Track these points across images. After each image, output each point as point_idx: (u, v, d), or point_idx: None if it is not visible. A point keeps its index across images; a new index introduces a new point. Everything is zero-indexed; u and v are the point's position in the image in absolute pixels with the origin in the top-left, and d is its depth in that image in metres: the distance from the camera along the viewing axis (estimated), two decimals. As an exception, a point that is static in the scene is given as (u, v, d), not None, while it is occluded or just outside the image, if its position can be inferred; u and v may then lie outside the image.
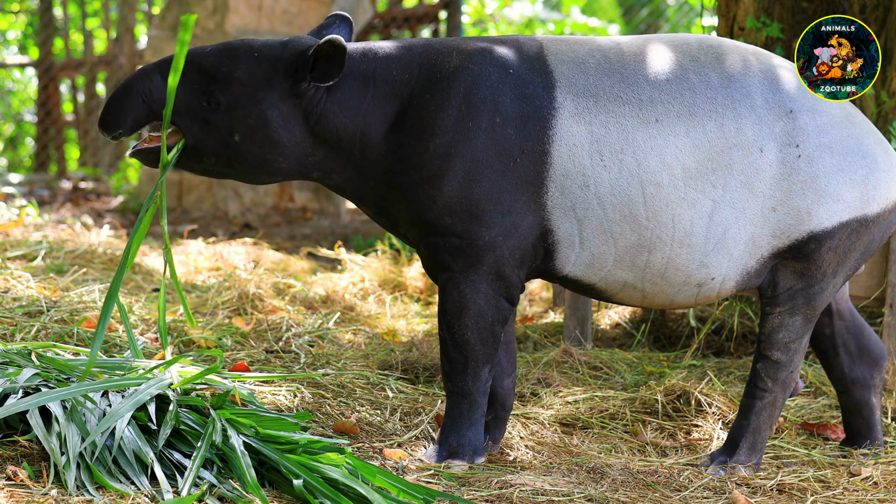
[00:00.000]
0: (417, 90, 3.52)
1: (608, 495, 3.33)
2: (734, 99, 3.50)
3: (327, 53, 3.41)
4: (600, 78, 3.52)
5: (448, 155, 3.46)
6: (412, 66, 3.55)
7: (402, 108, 3.52)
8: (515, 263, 3.52)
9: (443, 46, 3.59)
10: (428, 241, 3.53)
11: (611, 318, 5.58)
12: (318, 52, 3.41)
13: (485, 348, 3.55)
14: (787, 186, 3.51)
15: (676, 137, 3.48)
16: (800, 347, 3.64)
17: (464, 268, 3.50)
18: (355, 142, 3.53)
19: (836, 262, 3.57)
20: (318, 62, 3.43)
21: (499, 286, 3.53)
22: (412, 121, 3.50)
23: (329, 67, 3.43)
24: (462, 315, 3.53)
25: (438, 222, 3.49)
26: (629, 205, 3.48)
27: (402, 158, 3.50)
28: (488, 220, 3.47)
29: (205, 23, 10.53)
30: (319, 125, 3.51)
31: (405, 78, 3.54)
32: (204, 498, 2.97)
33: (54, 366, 3.39)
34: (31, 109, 18.08)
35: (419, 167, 3.48)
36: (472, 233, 3.48)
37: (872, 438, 3.92)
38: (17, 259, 5.82)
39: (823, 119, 3.54)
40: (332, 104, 3.50)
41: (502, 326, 3.57)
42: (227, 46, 3.53)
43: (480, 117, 3.47)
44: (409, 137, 3.50)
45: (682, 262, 3.52)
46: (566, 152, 3.47)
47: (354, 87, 3.52)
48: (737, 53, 3.58)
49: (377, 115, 3.53)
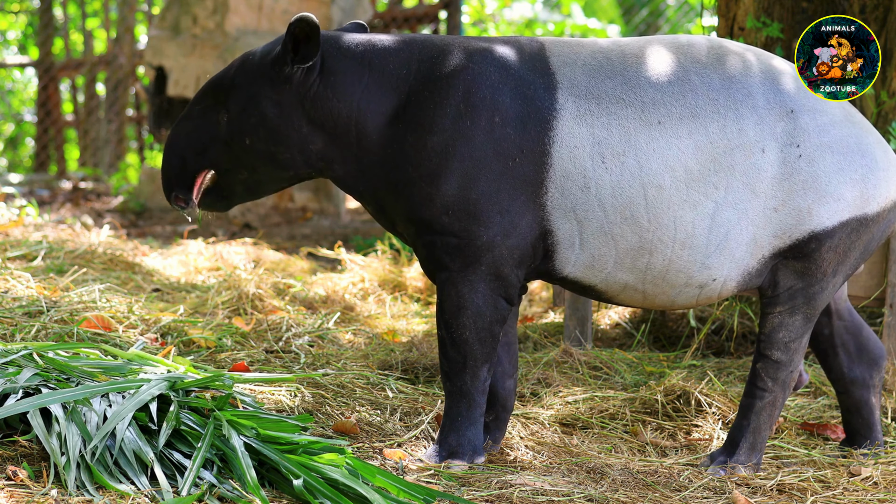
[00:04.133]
0: (416, 86, 3.52)
1: (608, 495, 3.33)
2: (736, 100, 3.50)
3: (304, 33, 3.46)
4: (603, 80, 3.52)
5: (446, 153, 3.46)
6: (411, 62, 3.56)
7: (400, 102, 3.53)
8: (514, 263, 3.52)
9: (444, 44, 3.59)
10: (425, 239, 3.53)
11: (611, 318, 5.58)
12: (294, 34, 3.47)
13: (483, 348, 3.55)
14: (789, 186, 3.51)
15: (679, 139, 3.48)
16: (800, 347, 3.64)
17: (462, 267, 3.50)
18: (351, 128, 3.55)
19: (836, 261, 3.57)
20: (298, 44, 3.48)
21: (497, 286, 3.52)
22: (410, 117, 3.50)
23: (308, 47, 3.48)
24: (460, 315, 3.52)
25: (436, 221, 3.49)
26: (630, 207, 3.47)
27: (400, 154, 3.51)
28: (486, 220, 3.47)
29: (205, 23, 10.53)
30: (315, 109, 3.54)
31: (403, 73, 3.55)
32: (204, 498, 2.98)
33: (55, 366, 3.39)
34: (31, 109, 18.09)
35: (416, 164, 3.48)
36: (469, 232, 3.48)
37: (872, 438, 3.92)
38: (17, 259, 5.82)
39: (824, 119, 3.54)
40: (326, 88, 3.54)
41: (500, 326, 3.57)
42: (233, 62, 3.67)
43: (479, 117, 3.46)
44: (407, 133, 3.50)
45: (683, 263, 3.52)
46: (567, 154, 3.47)
47: (349, 72, 3.55)
48: (737, 54, 3.58)
49: (373, 104, 3.54)
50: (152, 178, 10.78)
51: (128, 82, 13.61)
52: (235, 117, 3.57)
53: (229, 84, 3.60)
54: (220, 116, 3.60)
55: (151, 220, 10.15)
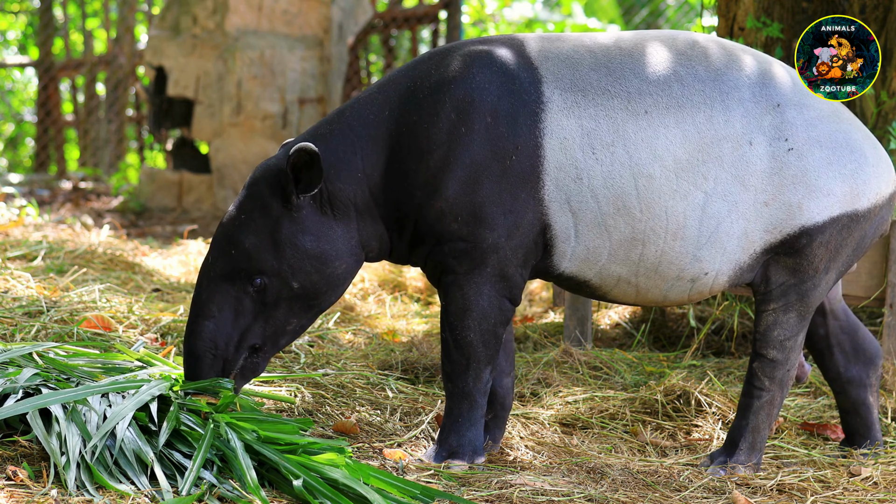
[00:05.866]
0: (402, 118, 3.50)
1: (608, 495, 3.33)
2: (722, 91, 3.51)
3: (305, 162, 3.38)
4: (587, 72, 3.52)
5: (448, 164, 3.46)
6: (390, 100, 3.53)
7: (394, 140, 3.50)
8: (519, 262, 3.52)
9: (418, 71, 3.56)
10: (434, 250, 3.53)
11: (611, 318, 5.58)
12: (294, 165, 3.38)
13: (486, 350, 3.55)
14: (779, 181, 3.51)
15: (667, 129, 3.49)
16: (795, 345, 3.64)
17: (468, 270, 3.50)
18: (366, 195, 3.50)
19: (827, 257, 3.58)
20: (300, 174, 3.40)
21: (502, 287, 3.53)
22: (407, 147, 3.49)
23: (311, 175, 3.39)
24: (465, 317, 3.53)
25: (445, 230, 3.49)
26: (622, 197, 3.48)
27: (407, 185, 3.49)
28: (491, 222, 3.47)
29: (205, 23, 10.53)
30: (335, 208, 3.48)
31: (385, 115, 3.51)
32: (204, 498, 2.98)
33: (55, 366, 3.39)
34: (31, 109, 18.09)
35: (423, 185, 3.48)
36: (476, 235, 3.48)
37: (871, 438, 3.92)
38: (17, 259, 5.82)
39: (811, 114, 3.55)
40: (334, 182, 3.47)
41: (504, 328, 3.57)
42: (220, 236, 3.47)
43: (472, 121, 3.46)
44: (409, 163, 3.48)
45: (675, 255, 3.52)
46: (558, 145, 3.47)
47: (342, 151, 3.49)
48: (723, 49, 3.60)
49: (372, 157, 3.50)
50: (152, 178, 10.79)
51: (128, 82, 13.61)
52: (275, 272, 3.44)
53: (244, 255, 3.42)
54: (247, 289, 3.44)
55: (151, 220, 10.16)
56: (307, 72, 10.58)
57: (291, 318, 3.50)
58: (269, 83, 10.41)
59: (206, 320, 3.42)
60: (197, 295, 3.46)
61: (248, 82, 10.37)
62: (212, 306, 3.43)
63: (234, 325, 3.44)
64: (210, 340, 3.42)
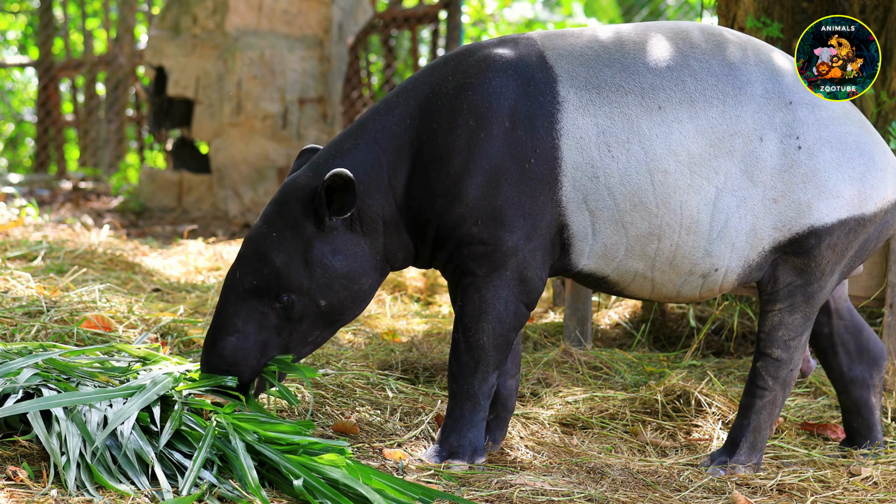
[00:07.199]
0: (423, 126, 3.50)
1: (608, 495, 3.33)
2: (735, 86, 3.51)
3: (339, 187, 3.39)
4: (601, 69, 3.52)
5: (467, 169, 3.46)
6: (410, 110, 3.52)
7: (415, 150, 3.51)
8: (538, 265, 3.52)
9: (435, 77, 3.56)
10: (454, 253, 3.53)
11: (611, 318, 5.58)
12: (329, 189, 3.39)
13: (497, 354, 3.55)
14: (788, 178, 3.51)
15: (680, 124, 3.49)
16: (799, 345, 3.64)
17: (487, 273, 3.50)
18: (392, 206, 3.51)
19: (834, 259, 3.58)
20: (334, 196, 3.40)
21: (520, 291, 3.52)
22: (428, 156, 3.49)
23: (345, 199, 3.40)
24: (480, 319, 3.52)
25: (465, 234, 3.49)
26: (639, 193, 3.48)
27: (429, 192, 3.49)
28: (511, 225, 3.47)
29: (205, 23, 10.53)
30: (364, 224, 3.49)
31: (407, 124, 3.51)
32: (204, 498, 2.97)
33: (55, 366, 3.39)
34: (31, 109, 18.09)
35: (444, 192, 3.48)
36: (496, 238, 3.48)
37: (872, 438, 3.92)
38: (17, 259, 5.82)
39: (823, 114, 3.55)
40: (363, 199, 3.48)
41: (516, 333, 3.57)
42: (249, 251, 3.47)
43: (490, 126, 3.46)
44: (430, 171, 3.49)
45: (688, 249, 3.53)
46: (574, 145, 3.48)
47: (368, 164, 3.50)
48: (737, 43, 3.59)
49: (395, 170, 3.50)
50: (152, 178, 10.78)
51: (128, 82, 13.61)
52: (303, 291, 3.44)
53: (275, 273, 3.42)
54: (273, 305, 3.44)
55: (151, 220, 10.16)
56: (307, 72, 10.58)
57: (314, 331, 3.52)
58: (269, 83, 10.41)
59: (229, 335, 3.43)
60: (222, 308, 3.45)
61: (248, 82, 10.37)
62: (237, 321, 3.43)
63: (256, 339, 3.45)
64: (231, 357, 3.43)
